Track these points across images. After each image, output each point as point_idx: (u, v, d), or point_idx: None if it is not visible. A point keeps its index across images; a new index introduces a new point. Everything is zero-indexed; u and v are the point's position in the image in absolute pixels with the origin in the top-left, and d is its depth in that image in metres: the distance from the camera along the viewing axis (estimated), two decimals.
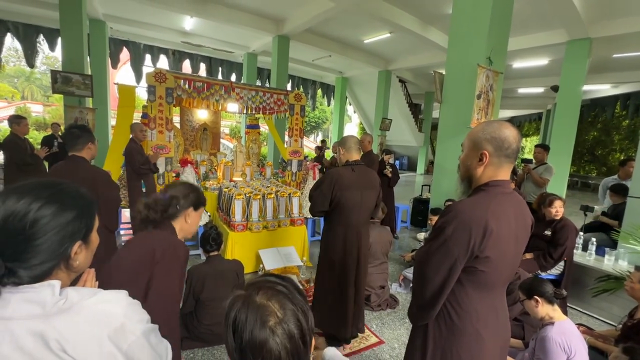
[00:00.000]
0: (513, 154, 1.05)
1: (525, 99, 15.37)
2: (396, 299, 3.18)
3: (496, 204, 1.03)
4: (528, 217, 1.13)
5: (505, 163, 1.06)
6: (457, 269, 1.01)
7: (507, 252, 1.05)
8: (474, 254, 1.00)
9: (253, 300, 0.60)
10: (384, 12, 6.94)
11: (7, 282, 0.58)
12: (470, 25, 4.23)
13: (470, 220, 0.99)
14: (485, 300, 1.08)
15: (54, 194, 0.65)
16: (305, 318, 0.62)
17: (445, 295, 1.05)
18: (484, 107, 4.29)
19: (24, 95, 23.37)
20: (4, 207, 0.60)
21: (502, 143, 1.04)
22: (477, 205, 1.03)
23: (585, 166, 15.53)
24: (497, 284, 1.10)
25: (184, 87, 4.46)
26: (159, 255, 1.24)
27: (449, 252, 1.01)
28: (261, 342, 0.56)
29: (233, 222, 3.54)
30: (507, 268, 1.09)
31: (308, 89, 14.63)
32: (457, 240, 0.99)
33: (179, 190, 1.38)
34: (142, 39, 10.02)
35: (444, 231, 1.02)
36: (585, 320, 3.07)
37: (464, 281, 1.05)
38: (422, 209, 6.02)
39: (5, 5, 7.52)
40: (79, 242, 0.68)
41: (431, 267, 1.05)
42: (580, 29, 6.53)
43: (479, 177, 1.09)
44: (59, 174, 2.15)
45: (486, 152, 1.05)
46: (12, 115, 4.48)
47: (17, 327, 0.56)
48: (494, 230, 0.98)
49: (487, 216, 0.98)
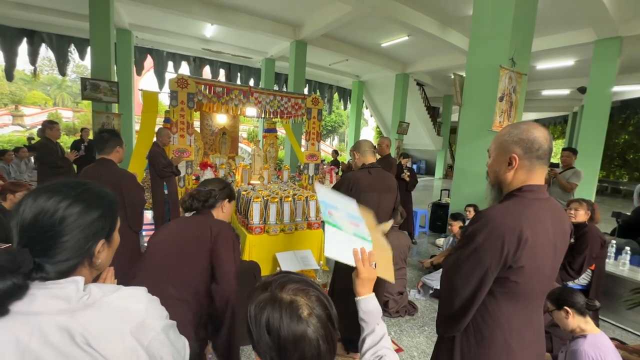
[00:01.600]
0: (545, 155, 0.98)
1: (550, 101, 14.81)
2: (415, 305, 3.11)
3: (531, 210, 0.96)
4: (567, 225, 1.05)
5: (537, 165, 0.99)
6: (488, 280, 0.95)
7: (544, 263, 0.97)
8: (507, 264, 0.93)
9: (280, 298, 0.62)
10: (402, 15, 6.89)
11: (35, 277, 0.61)
12: (492, 26, 4.13)
13: (503, 228, 0.93)
14: (520, 313, 1.00)
15: (80, 194, 0.68)
16: (327, 300, 0.65)
17: (475, 307, 0.99)
18: (506, 110, 4.17)
19: (55, 102, 24.72)
20: (35, 204, 0.63)
21: (531, 144, 0.98)
22: (510, 211, 0.96)
23: (615, 171, 14.74)
24: (534, 297, 1.02)
25: (205, 92, 4.58)
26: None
27: (480, 261, 0.95)
28: (301, 334, 0.59)
29: (251, 225, 3.57)
30: (544, 279, 1.01)
31: (325, 93, 14.70)
32: (489, 249, 0.93)
33: (216, 184, 1.64)
34: (165, 46, 10.40)
35: (475, 239, 0.96)
36: (619, 334, 2.89)
37: (496, 293, 0.98)
38: (441, 214, 5.89)
39: (42, 18, 8.01)
40: (102, 241, 0.70)
41: (461, 277, 0.99)
42: (610, 28, 6.25)
43: (510, 182, 1.03)
44: (88, 175, 2.25)
45: (515, 156, 0.99)
46: (46, 120, 4.73)
47: (44, 322, 0.58)
48: (529, 239, 0.91)
49: (522, 223, 0.92)
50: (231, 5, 7.59)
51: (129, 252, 2.35)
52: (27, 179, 6.21)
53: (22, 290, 0.58)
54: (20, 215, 0.62)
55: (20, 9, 7.48)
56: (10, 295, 0.57)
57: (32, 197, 0.64)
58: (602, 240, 2.80)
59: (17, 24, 8.35)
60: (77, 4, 7.07)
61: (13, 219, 0.62)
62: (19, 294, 0.58)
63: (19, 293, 0.57)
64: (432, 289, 3.30)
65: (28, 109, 19.29)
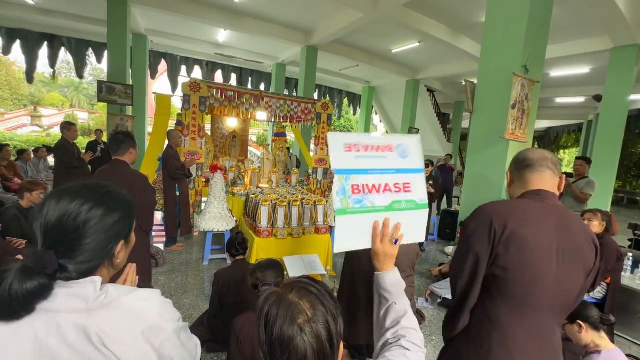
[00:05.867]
0: (533, 162, 1.08)
1: (564, 108, 14.52)
2: (422, 314, 3.07)
3: (528, 207, 1.01)
4: (581, 235, 1.00)
5: (528, 173, 1.08)
6: (480, 267, 0.98)
7: (543, 266, 0.94)
8: (495, 251, 0.96)
9: (286, 298, 0.63)
10: (414, 21, 6.89)
11: (59, 277, 0.63)
12: (505, 33, 4.10)
13: (491, 212, 1.00)
14: (525, 324, 0.97)
15: (102, 197, 0.70)
16: (334, 322, 0.63)
17: (472, 299, 1.01)
18: (518, 117, 4.11)
19: (72, 104, 25.42)
20: (59, 207, 0.65)
21: (519, 160, 1.13)
22: (503, 204, 1.04)
23: (632, 181, 14.33)
24: (538, 306, 0.97)
25: (217, 96, 4.66)
26: None
27: (470, 248, 1.00)
28: (289, 338, 0.59)
29: (259, 228, 3.59)
30: (547, 287, 0.96)
31: (334, 98, 14.75)
32: (478, 234, 0.99)
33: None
34: (179, 51, 10.62)
35: (467, 228, 1.04)
36: (636, 350, 2.79)
37: (495, 293, 0.99)
38: (451, 221, 5.81)
39: (62, 23, 8.29)
40: (122, 242, 0.72)
41: (457, 267, 1.04)
42: (627, 35, 6.12)
43: (513, 195, 1.15)
44: (103, 176, 2.30)
45: (508, 172, 1.16)
46: (64, 122, 4.87)
47: (62, 320, 0.60)
48: (517, 231, 0.94)
49: (511, 213, 0.98)
50: (244, 12, 7.72)
51: (139, 252, 2.39)
52: (43, 179, 6.38)
53: (48, 290, 0.60)
54: (44, 217, 0.64)
55: (42, 14, 7.76)
56: (38, 295, 0.59)
57: (55, 200, 0.65)
58: (619, 253, 2.72)
59: (39, 29, 8.67)
60: (96, 10, 7.30)
61: (37, 220, 0.64)
62: (45, 293, 0.60)
63: (45, 293, 0.60)
64: (440, 298, 3.25)
65: (46, 110, 19.90)
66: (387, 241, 0.88)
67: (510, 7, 4.05)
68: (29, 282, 0.57)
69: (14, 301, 0.57)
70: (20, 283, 0.57)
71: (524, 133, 4.21)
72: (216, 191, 4.06)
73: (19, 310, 0.58)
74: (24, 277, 0.58)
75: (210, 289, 2.87)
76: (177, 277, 3.49)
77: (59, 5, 7.61)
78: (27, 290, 0.57)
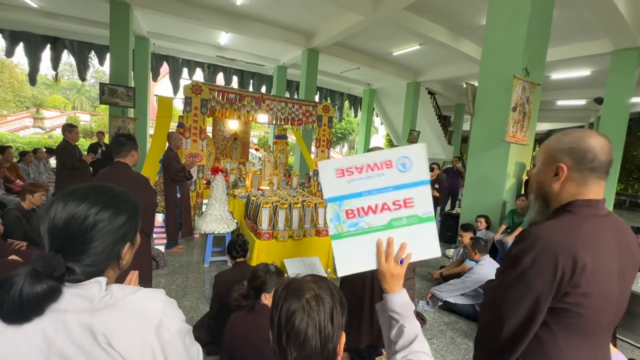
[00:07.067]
0: (601, 167, 0.86)
1: (565, 111, 14.52)
2: (423, 317, 3.05)
3: (589, 228, 0.83)
4: (635, 246, 0.90)
5: (591, 178, 0.86)
6: (541, 310, 0.82)
7: (609, 291, 0.83)
8: (563, 290, 0.80)
9: (298, 281, 0.70)
10: (414, 24, 6.92)
11: (68, 279, 0.63)
12: (506, 36, 4.11)
13: (556, 248, 0.80)
14: (582, 350, 0.86)
15: (109, 199, 0.70)
16: (340, 307, 0.69)
17: (526, 341, 0.85)
18: (519, 120, 4.11)
19: (74, 106, 25.54)
20: (66, 210, 0.65)
21: (584, 154, 0.85)
22: (562, 229, 0.84)
23: (634, 184, 14.27)
24: (598, 331, 0.87)
25: (218, 99, 4.67)
26: None
27: (528, 287, 0.82)
28: (294, 311, 0.65)
29: (260, 230, 3.59)
30: (609, 311, 0.86)
31: (335, 101, 14.78)
32: (539, 272, 0.81)
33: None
34: (180, 54, 10.68)
35: (521, 261, 0.84)
36: (638, 354, 2.77)
37: (553, 325, 0.84)
38: (452, 224, 5.79)
39: (65, 25, 8.36)
40: (128, 244, 0.73)
41: (507, 305, 0.85)
42: (628, 38, 6.13)
43: (557, 194, 0.91)
44: (104, 178, 2.31)
45: (563, 166, 0.88)
46: (66, 123, 4.89)
47: (69, 319, 0.60)
48: (588, 263, 0.78)
49: (578, 244, 0.80)
50: (246, 15, 7.77)
51: (140, 254, 2.39)
52: (45, 180, 6.40)
53: (57, 293, 0.61)
54: (51, 220, 0.64)
55: (45, 17, 7.82)
56: (48, 298, 0.60)
57: (62, 203, 0.65)
58: None
59: (42, 31, 8.73)
60: (98, 13, 7.35)
61: (44, 223, 0.64)
62: (55, 296, 0.60)
63: (55, 296, 0.60)
64: (441, 301, 3.24)
65: (48, 112, 20.00)
66: (392, 260, 0.84)
67: (511, 10, 4.07)
68: (38, 285, 0.58)
69: (24, 305, 0.57)
70: (31, 287, 0.58)
71: (525, 136, 4.22)
72: (217, 193, 4.07)
73: (30, 313, 0.59)
74: (34, 280, 0.58)
75: (210, 291, 2.87)
76: (177, 279, 3.49)
77: (62, 8, 7.66)
78: (38, 293, 0.58)
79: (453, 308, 3.22)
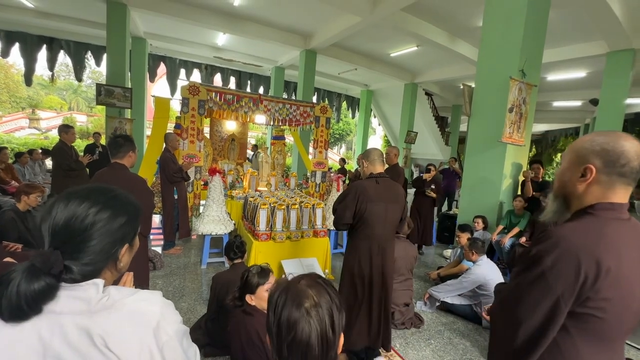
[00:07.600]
0: (631, 173, 0.82)
1: (561, 112, 14.63)
2: (421, 318, 3.06)
3: (612, 231, 0.80)
4: None
5: (619, 184, 0.83)
6: (560, 312, 0.80)
7: (631, 297, 0.81)
8: (585, 295, 0.78)
9: (295, 286, 0.69)
10: (412, 25, 6.95)
11: (64, 279, 0.63)
12: (502, 38, 4.14)
13: (578, 250, 0.78)
14: (601, 355, 0.84)
15: (109, 200, 0.71)
16: (338, 311, 0.69)
17: (544, 344, 0.82)
18: (516, 121, 4.14)
19: (71, 107, 25.38)
20: (67, 209, 0.66)
21: (617, 158, 0.81)
22: (585, 231, 0.81)
23: None
24: (618, 336, 0.85)
25: (215, 100, 4.66)
26: None
27: (549, 289, 0.79)
28: (295, 320, 0.65)
29: (257, 231, 3.59)
30: (630, 317, 0.83)
31: (333, 102, 14.80)
32: (561, 273, 0.78)
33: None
34: (178, 54, 10.65)
35: (541, 262, 0.81)
36: (634, 354, 2.79)
37: (572, 330, 0.82)
38: (449, 224, 5.82)
39: (61, 26, 8.32)
40: (126, 245, 0.73)
41: (525, 307, 0.83)
42: (623, 40, 6.19)
43: (580, 195, 0.88)
44: (101, 179, 2.30)
45: (592, 167, 0.84)
46: (62, 124, 4.86)
47: (65, 321, 0.60)
48: (611, 268, 0.76)
49: (601, 247, 0.78)
50: (244, 15, 7.76)
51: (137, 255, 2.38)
52: (40, 182, 6.36)
53: (54, 290, 0.61)
54: (53, 219, 0.65)
55: (41, 17, 7.78)
56: (45, 295, 0.60)
57: (63, 202, 0.67)
58: None
59: (38, 32, 8.67)
60: (95, 13, 7.32)
61: (45, 222, 0.65)
62: (52, 294, 0.61)
63: (52, 293, 0.61)
64: (438, 301, 3.25)
65: (44, 112, 19.85)
66: None
67: (508, 12, 4.10)
68: (36, 282, 0.58)
69: (22, 301, 0.57)
70: (28, 283, 0.58)
71: (521, 136, 4.24)
72: (215, 194, 4.06)
73: (28, 310, 0.59)
74: (31, 277, 0.59)
75: (208, 292, 2.86)
76: (174, 281, 3.48)
77: (58, 8, 7.62)
78: (35, 290, 0.58)
79: (451, 308, 3.23)
